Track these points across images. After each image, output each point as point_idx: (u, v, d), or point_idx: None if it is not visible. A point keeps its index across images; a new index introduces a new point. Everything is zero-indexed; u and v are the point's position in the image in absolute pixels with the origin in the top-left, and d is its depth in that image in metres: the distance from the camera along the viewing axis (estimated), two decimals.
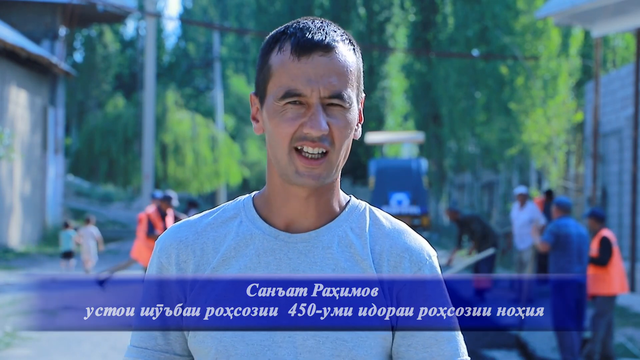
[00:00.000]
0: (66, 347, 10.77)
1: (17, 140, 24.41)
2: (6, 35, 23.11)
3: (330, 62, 1.83)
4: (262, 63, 1.89)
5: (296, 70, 1.82)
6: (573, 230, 10.28)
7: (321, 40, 1.83)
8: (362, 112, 1.93)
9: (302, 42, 1.83)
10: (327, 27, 1.87)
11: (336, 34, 1.86)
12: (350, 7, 40.19)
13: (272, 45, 1.88)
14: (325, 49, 1.83)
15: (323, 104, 1.83)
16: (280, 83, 1.83)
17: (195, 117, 37.26)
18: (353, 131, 1.88)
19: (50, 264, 22.23)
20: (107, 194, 49.91)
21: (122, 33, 59.48)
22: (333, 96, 1.83)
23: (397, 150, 53.30)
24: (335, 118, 1.84)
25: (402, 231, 1.93)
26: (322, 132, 1.81)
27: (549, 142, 21.58)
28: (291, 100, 1.82)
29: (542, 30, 22.57)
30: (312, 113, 1.82)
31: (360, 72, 1.91)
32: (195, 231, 1.93)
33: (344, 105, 1.84)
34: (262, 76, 1.88)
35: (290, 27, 1.87)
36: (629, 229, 17.54)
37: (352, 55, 1.88)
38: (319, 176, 1.83)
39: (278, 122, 1.83)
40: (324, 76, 1.82)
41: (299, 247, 1.88)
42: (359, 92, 1.90)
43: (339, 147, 1.84)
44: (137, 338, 1.96)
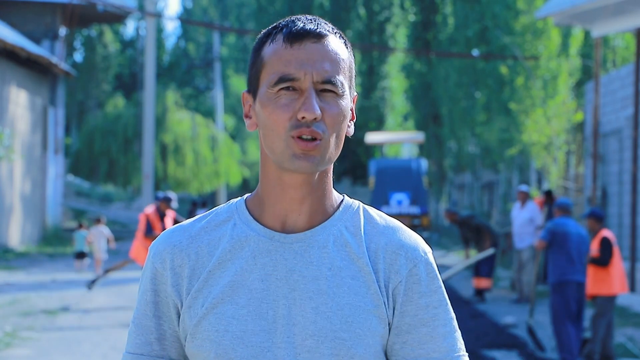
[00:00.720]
0: (66, 347, 10.77)
1: (17, 140, 24.41)
2: (6, 35, 23.12)
3: (322, 48, 1.85)
4: (254, 58, 1.92)
5: (289, 55, 1.84)
6: (572, 230, 10.31)
7: (313, 29, 1.86)
8: (354, 111, 1.94)
9: (294, 30, 1.86)
10: (318, 20, 1.90)
11: (328, 26, 1.89)
12: (350, 7, 40.20)
13: (264, 40, 1.91)
14: (317, 36, 1.86)
15: (316, 90, 1.84)
16: (273, 70, 1.85)
17: (195, 117, 37.27)
18: (346, 120, 1.88)
19: (50, 264, 22.23)
20: (107, 194, 49.92)
21: (122, 33, 59.50)
22: (326, 81, 1.84)
23: (397, 150, 53.30)
24: (328, 104, 1.84)
25: (396, 228, 1.93)
26: (315, 115, 1.81)
27: (549, 142, 21.58)
28: (285, 86, 1.84)
29: (542, 30, 22.57)
30: (305, 97, 1.83)
31: (352, 69, 1.92)
32: (189, 235, 1.93)
33: (337, 91, 1.85)
34: (254, 70, 1.90)
35: (281, 22, 1.90)
36: (629, 229, 17.55)
37: (343, 48, 1.90)
38: (313, 158, 1.83)
39: (272, 109, 1.84)
40: (316, 61, 1.84)
41: (295, 248, 1.88)
42: (351, 86, 1.91)
43: (332, 132, 1.85)
44: (132, 344, 1.95)
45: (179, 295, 1.91)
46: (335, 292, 1.86)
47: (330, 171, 1.93)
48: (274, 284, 1.87)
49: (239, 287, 1.87)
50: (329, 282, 1.87)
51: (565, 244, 10.25)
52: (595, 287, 10.40)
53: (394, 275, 1.90)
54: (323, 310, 1.85)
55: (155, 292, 1.93)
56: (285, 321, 1.85)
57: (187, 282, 1.90)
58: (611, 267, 10.38)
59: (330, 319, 1.85)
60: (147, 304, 1.94)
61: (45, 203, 28.60)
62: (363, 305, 1.86)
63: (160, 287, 1.93)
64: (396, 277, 1.90)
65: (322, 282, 1.87)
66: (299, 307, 1.86)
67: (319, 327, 1.85)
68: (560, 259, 10.25)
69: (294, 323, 1.85)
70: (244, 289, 1.87)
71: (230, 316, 1.86)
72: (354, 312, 1.86)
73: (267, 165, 1.91)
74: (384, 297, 1.88)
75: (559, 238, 10.26)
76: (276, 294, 1.86)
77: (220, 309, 1.87)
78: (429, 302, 1.91)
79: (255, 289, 1.87)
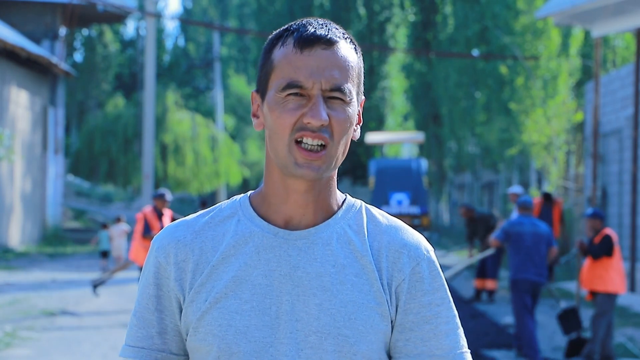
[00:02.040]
0: (66, 347, 10.77)
1: (17, 141, 24.42)
2: (6, 35, 23.12)
3: (332, 55, 1.86)
4: (264, 59, 1.92)
5: (299, 62, 1.85)
6: (527, 229, 10.57)
7: (324, 35, 1.86)
8: (361, 115, 1.95)
9: (305, 35, 1.86)
10: (330, 24, 1.90)
11: (338, 31, 1.90)
12: (350, 7, 40.19)
13: (274, 42, 1.91)
14: (327, 42, 1.86)
15: (324, 97, 1.85)
16: (282, 75, 1.86)
17: (195, 117, 37.27)
18: (352, 127, 1.89)
19: (50, 264, 22.23)
20: (107, 194, 49.92)
21: (122, 33, 59.49)
22: (334, 89, 1.84)
23: (397, 150, 53.32)
24: (336, 111, 1.85)
25: (399, 227, 1.95)
26: (322, 122, 1.82)
27: (549, 142, 21.59)
28: (293, 92, 1.84)
29: (542, 30, 22.58)
30: (312, 103, 1.83)
31: (361, 73, 1.93)
32: (193, 231, 1.94)
33: (345, 99, 1.86)
34: (264, 71, 1.91)
35: (293, 25, 1.91)
36: (629, 229, 17.55)
37: (353, 54, 1.90)
38: (318, 168, 1.84)
39: (279, 113, 1.85)
40: (326, 69, 1.84)
41: (299, 244, 1.89)
42: (359, 92, 1.92)
43: (338, 140, 1.86)
44: (133, 337, 1.96)
45: (181, 289, 1.91)
46: (339, 289, 1.87)
47: (335, 173, 1.94)
48: (277, 279, 1.87)
49: (243, 282, 1.88)
50: (332, 279, 1.87)
51: (519, 243, 10.51)
52: (591, 282, 10.41)
53: (396, 273, 1.91)
54: (326, 307, 1.86)
55: (158, 286, 1.93)
56: (289, 317, 1.86)
57: (190, 277, 1.91)
58: (610, 264, 10.39)
59: (334, 316, 1.86)
60: (149, 298, 1.94)
61: (45, 203, 28.61)
62: (366, 302, 1.87)
63: (163, 281, 1.93)
64: (399, 275, 1.90)
65: (325, 278, 1.87)
66: (302, 303, 1.86)
67: (322, 323, 1.85)
68: (515, 258, 10.57)
69: (297, 319, 1.86)
70: (248, 284, 1.88)
71: (233, 311, 1.86)
72: (357, 310, 1.86)
73: (271, 167, 1.92)
74: (387, 295, 1.89)
75: (513, 238, 10.54)
76: (280, 289, 1.87)
77: (223, 304, 1.87)
78: (432, 299, 1.92)
79: (258, 285, 1.87)
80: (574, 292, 15.79)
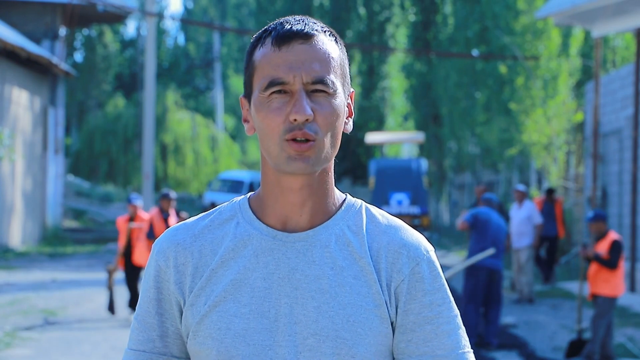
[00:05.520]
0: (66, 347, 10.77)
1: (17, 141, 24.42)
2: (6, 35, 23.12)
3: (310, 49, 1.86)
4: (247, 62, 1.93)
5: (278, 59, 1.85)
6: (494, 219, 11.20)
7: (300, 30, 1.86)
8: (352, 107, 1.94)
9: (282, 33, 1.86)
10: (307, 19, 1.90)
11: (316, 25, 1.89)
12: (350, 7, 40.17)
13: (255, 44, 1.91)
14: (304, 37, 1.86)
15: (307, 91, 1.84)
16: (263, 74, 1.86)
17: (195, 117, 37.29)
18: (341, 119, 1.88)
19: (50, 264, 22.22)
20: (107, 194, 49.88)
21: (122, 33, 59.48)
22: (316, 81, 1.84)
23: (397, 150, 53.30)
24: (320, 104, 1.85)
25: (398, 227, 1.94)
26: (307, 117, 1.82)
27: (549, 142, 21.58)
28: (275, 90, 1.84)
29: (542, 30, 22.57)
30: (295, 99, 1.83)
31: (345, 64, 1.92)
32: (192, 234, 1.94)
33: (328, 90, 1.85)
34: (247, 74, 1.92)
35: (271, 25, 1.91)
36: (629, 229, 17.55)
37: (333, 46, 1.90)
38: (308, 159, 1.83)
39: (265, 113, 1.85)
40: (305, 62, 1.84)
41: (297, 247, 1.89)
42: (345, 83, 1.91)
43: (325, 132, 1.85)
44: (134, 341, 1.96)
45: (181, 293, 1.92)
46: (337, 291, 1.87)
47: (330, 170, 1.93)
48: (276, 282, 1.87)
49: (242, 285, 1.88)
50: (331, 282, 1.87)
51: (485, 230, 11.07)
52: (597, 286, 10.40)
53: (395, 274, 1.90)
54: (325, 309, 1.86)
55: (158, 290, 1.94)
56: (287, 320, 1.86)
57: (190, 280, 1.91)
58: (618, 269, 10.37)
59: (332, 319, 1.86)
60: (150, 301, 1.95)
61: (46, 203, 28.60)
62: (365, 305, 1.87)
63: (163, 285, 1.94)
64: (398, 276, 1.90)
65: (324, 281, 1.87)
66: (301, 306, 1.86)
67: (321, 326, 1.85)
68: (478, 244, 11.05)
69: (296, 322, 1.86)
70: (247, 287, 1.88)
71: (232, 314, 1.87)
72: (356, 312, 1.86)
73: (266, 168, 1.92)
74: (386, 296, 1.89)
75: (480, 224, 11.08)
76: (278, 292, 1.87)
77: (222, 307, 1.87)
78: (433, 300, 1.91)
79: (257, 288, 1.88)
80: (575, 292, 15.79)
